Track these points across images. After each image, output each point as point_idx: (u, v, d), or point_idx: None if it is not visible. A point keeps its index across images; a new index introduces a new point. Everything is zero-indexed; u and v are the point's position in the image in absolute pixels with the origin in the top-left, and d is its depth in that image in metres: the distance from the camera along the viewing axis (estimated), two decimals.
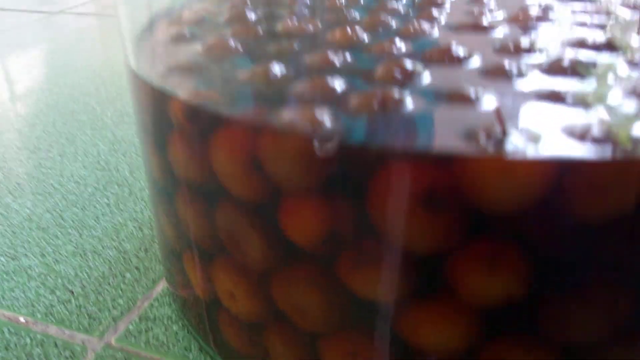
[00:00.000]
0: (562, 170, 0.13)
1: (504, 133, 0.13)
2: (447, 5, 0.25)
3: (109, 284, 0.27)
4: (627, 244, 0.14)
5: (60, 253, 0.30)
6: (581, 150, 0.13)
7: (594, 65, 0.17)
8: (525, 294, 0.15)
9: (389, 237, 0.15)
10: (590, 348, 0.16)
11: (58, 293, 0.27)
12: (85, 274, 0.28)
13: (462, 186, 0.13)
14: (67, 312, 0.26)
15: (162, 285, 0.27)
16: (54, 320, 0.25)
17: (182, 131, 0.17)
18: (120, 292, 0.27)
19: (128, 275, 0.28)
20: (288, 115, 0.15)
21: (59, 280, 0.28)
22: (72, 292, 0.27)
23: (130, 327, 0.25)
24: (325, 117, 0.15)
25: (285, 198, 0.16)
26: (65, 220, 0.33)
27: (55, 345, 0.24)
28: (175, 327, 0.25)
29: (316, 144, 0.14)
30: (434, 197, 0.13)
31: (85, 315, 0.26)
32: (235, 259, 0.18)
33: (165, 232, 0.22)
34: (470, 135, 0.14)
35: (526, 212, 0.13)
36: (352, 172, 0.14)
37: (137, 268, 0.29)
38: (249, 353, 0.20)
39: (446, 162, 0.13)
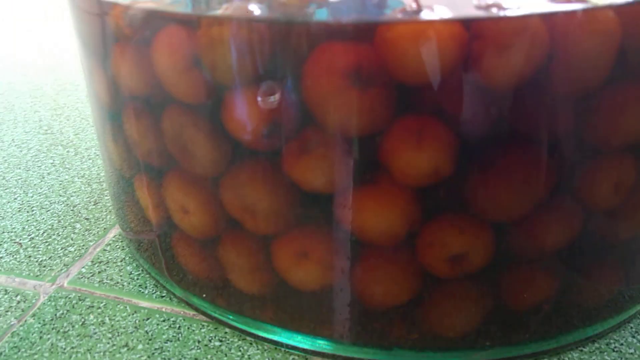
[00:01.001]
0: (470, 30, 0.14)
1: (419, 8, 0.15)
2: None
3: (59, 234, 0.28)
4: (536, 110, 0.15)
5: (4, 210, 0.30)
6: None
7: None
8: (452, 169, 0.16)
9: (325, 121, 0.16)
10: (517, 223, 0.17)
11: (5, 246, 0.27)
12: (32, 228, 0.29)
13: (385, 58, 0.15)
14: (16, 262, 0.26)
15: (114, 233, 0.28)
16: (2, 270, 0.26)
17: (124, 41, 0.18)
18: (70, 240, 0.28)
19: (78, 225, 0.29)
20: (223, 10, 0.16)
21: (5, 235, 0.28)
22: (20, 244, 0.27)
23: (83, 270, 0.26)
24: (257, 8, 0.16)
25: (225, 94, 0.17)
26: (9, 181, 0.33)
27: (6, 292, 0.25)
28: (129, 268, 0.26)
29: (248, 28, 0.15)
30: (361, 72, 0.15)
31: (36, 263, 0.26)
32: (185, 170, 0.19)
33: (114, 162, 0.23)
34: (389, 12, 0.15)
35: (444, 81, 0.15)
36: (283, 58, 0.16)
37: (87, 219, 0.29)
38: (203, 272, 0.21)
39: (368, 34, 0.14)
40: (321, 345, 0.20)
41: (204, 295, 0.22)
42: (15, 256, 0.27)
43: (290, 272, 0.19)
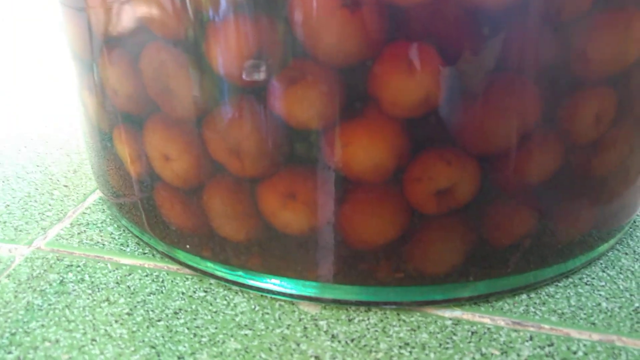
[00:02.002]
0: None
1: None
2: None
3: (36, 201, 0.26)
4: (522, 37, 0.14)
5: None
6: None
7: None
8: (442, 98, 0.15)
9: (313, 47, 0.15)
10: (502, 156, 0.16)
11: None
12: (8, 196, 0.26)
13: None
14: None
15: (94, 197, 0.26)
16: None
17: None
18: (48, 206, 0.25)
19: (56, 192, 0.26)
20: None
21: None
22: None
23: (62, 232, 0.23)
24: None
25: (208, 26, 0.15)
26: None
27: None
28: (110, 229, 0.24)
29: None
30: None
31: (11, 228, 0.24)
32: (165, 114, 0.18)
33: (91, 118, 0.21)
34: None
35: (438, 1, 0.14)
36: None
37: (65, 186, 0.27)
38: (187, 223, 0.20)
39: None
40: (307, 289, 0.19)
41: (188, 247, 0.20)
42: None
43: (277, 215, 0.18)
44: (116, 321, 0.19)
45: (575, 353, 0.17)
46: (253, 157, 0.17)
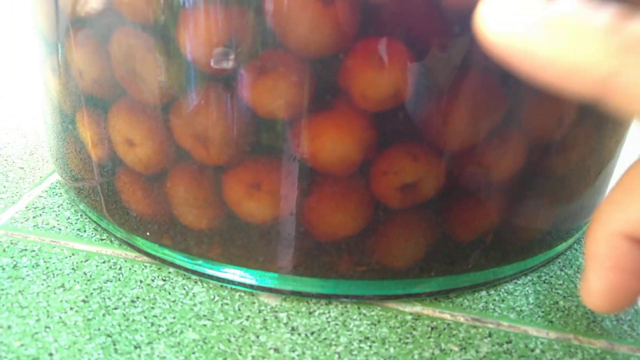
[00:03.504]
0: None
1: None
2: None
3: None
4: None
5: None
6: None
7: None
8: (410, 93, 0.15)
9: (286, 38, 0.15)
10: (466, 153, 0.17)
11: None
12: None
13: None
14: None
15: (51, 180, 0.25)
16: None
17: None
18: (2, 188, 0.25)
19: (11, 174, 0.26)
20: None
21: None
22: None
23: (16, 215, 0.23)
24: None
25: (180, 12, 0.15)
26: None
27: None
28: (67, 213, 0.23)
29: None
30: None
31: None
32: (132, 99, 0.17)
33: (54, 99, 0.20)
34: None
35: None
36: None
37: (21, 168, 0.26)
38: (149, 210, 0.19)
39: None
40: (267, 280, 0.19)
41: (148, 234, 0.20)
42: None
43: (242, 204, 0.17)
44: (71, 308, 0.18)
45: (532, 350, 0.18)
46: (219, 145, 0.17)
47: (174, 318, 0.18)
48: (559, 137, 0.17)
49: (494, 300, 0.20)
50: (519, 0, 0.11)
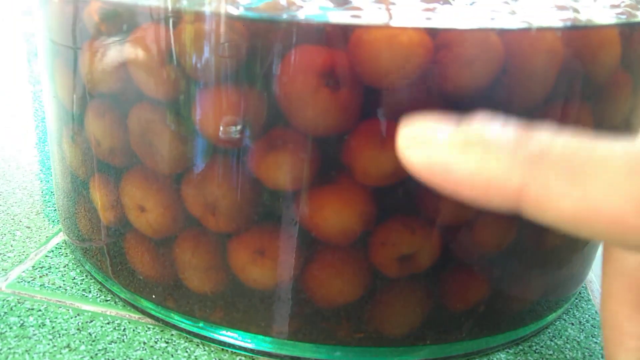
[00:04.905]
0: (438, 38, 0.15)
1: (390, 15, 0.16)
2: None
3: None
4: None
5: None
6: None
7: None
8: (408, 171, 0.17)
9: (295, 119, 0.16)
10: (462, 227, 0.18)
11: None
12: None
13: (358, 60, 0.15)
14: None
15: (57, 240, 0.26)
16: None
17: (97, 37, 0.18)
18: (10, 247, 0.25)
19: (18, 233, 0.27)
20: (200, 6, 0.16)
21: None
22: None
23: (23, 274, 0.24)
24: (236, 6, 0.16)
25: (198, 92, 0.17)
26: None
27: None
28: (72, 273, 0.24)
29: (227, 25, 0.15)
30: (333, 73, 0.15)
31: None
32: (146, 168, 0.19)
33: (67, 164, 0.22)
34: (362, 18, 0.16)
35: (411, 85, 0.15)
36: (260, 57, 0.16)
37: (28, 227, 0.27)
38: (155, 273, 0.20)
39: (342, 36, 0.15)
40: (266, 344, 0.19)
41: (153, 297, 0.21)
42: None
43: (246, 270, 0.18)
44: None
45: None
46: (228, 213, 0.18)
47: None
48: None
49: None
50: (430, 126, 0.12)
